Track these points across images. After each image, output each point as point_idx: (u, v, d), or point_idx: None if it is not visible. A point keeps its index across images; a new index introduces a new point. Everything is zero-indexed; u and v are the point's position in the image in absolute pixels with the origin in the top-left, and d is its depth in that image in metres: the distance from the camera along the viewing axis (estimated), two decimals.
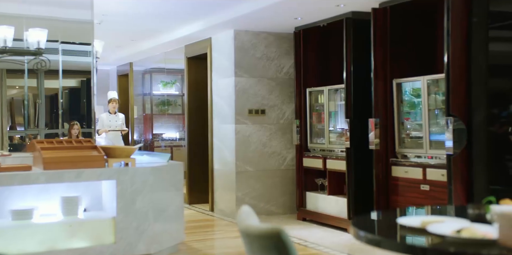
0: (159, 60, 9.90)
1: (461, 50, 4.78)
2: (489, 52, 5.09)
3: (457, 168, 4.77)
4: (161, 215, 4.99)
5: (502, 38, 5.11)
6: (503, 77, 5.13)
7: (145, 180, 4.82)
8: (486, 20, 5.07)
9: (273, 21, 6.78)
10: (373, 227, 2.52)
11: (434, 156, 5.21)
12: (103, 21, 6.95)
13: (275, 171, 7.48)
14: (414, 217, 2.48)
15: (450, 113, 4.76)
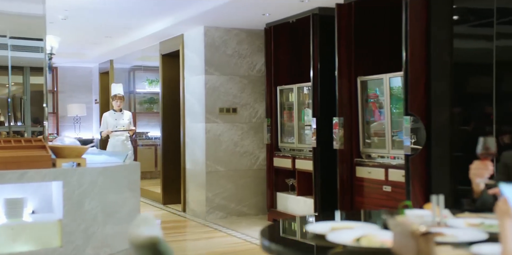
0: (141, 58, 9.74)
1: (421, 48, 4.62)
2: (453, 50, 4.93)
3: (416, 168, 4.61)
4: (113, 217, 4.84)
5: (467, 35, 4.94)
6: (468, 75, 4.96)
7: (94, 180, 4.67)
8: (450, 16, 4.91)
9: (242, 17, 6.62)
10: (279, 235, 2.36)
11: (397, 156, 5.04)
12: (69, 17, 6.79)
13: (247, 170, 7.33)
14: (324, 223, 2.32)
15: (408, 112, 4.59)
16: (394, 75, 5.05)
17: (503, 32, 4.50)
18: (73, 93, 11.94)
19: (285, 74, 6.94)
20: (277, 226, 2.58)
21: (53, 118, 11.71)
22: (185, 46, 7.63)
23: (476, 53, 4.80)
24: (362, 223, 2.37)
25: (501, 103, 4.48)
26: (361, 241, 2.01)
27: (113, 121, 7.80)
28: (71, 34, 8.19)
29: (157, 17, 7.13)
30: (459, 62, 4.88)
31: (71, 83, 11.94)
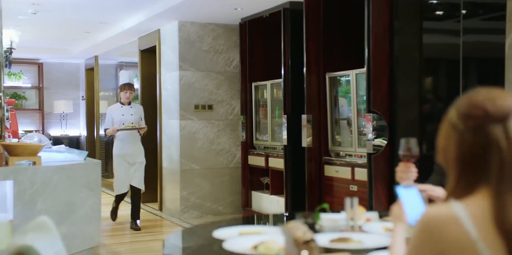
0: (125, 54, 9.60)
1: (383, 43, 4.45)
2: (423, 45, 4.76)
3: (378, 167, 4.44)
4: (69, 218, 4.71)
5: (437, 30, 4.77)
6: (438, 71, 4.79)
7: (47, 180, 4.54)
8: (420, 11, 4.74)
9: (215, 12, 6.46)
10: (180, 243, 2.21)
11: (363, 154, 4.88)
12: (39, 11, 6.64)
13: (223, 169, 7.18)
14: (233, 228, 2.18)
15: (371, 109, 4.43)
16: (361, 72, 4.89)
17: (470, 27, 4.33)
18: (60, 90, 11.82)
19: (260, 71, 6.78)
20: (186, 232, 2.43)
21: (39, 115, 11.60)
22: (161, 41, 7.48)
23: (444, 49, 4.63)
24: (273, 227, 2.22)
25: None
26: (259, 248, 1.87)
27: (119, 117, 6.29)
28: (46, 29, 8.06)
29: (131, 11, 6.97)
30: (429, 58, 4.72)
31: (58, 80, 11.81)
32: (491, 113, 1.33)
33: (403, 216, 1.70)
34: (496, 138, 1.32)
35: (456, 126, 1.38)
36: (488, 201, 1.31)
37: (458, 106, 1.39)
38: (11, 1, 5.95)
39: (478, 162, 1.34)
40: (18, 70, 11.36)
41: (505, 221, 1.27)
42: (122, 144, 6.34)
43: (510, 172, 1.32)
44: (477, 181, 1.34)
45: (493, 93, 1.37)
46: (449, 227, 1.28)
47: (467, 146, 1.35)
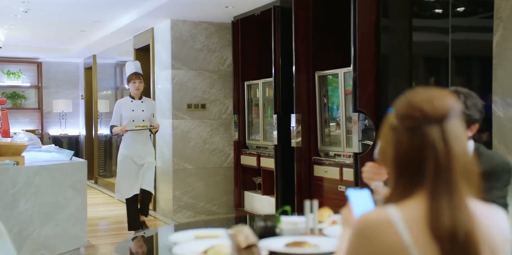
0: (123, 53, 9.55)
1: (370, 42, 4.36)
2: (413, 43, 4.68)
3: None
4: (53, 218, 4.66)
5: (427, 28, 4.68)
6: (427, 70, 4.71)
7: (29, 180, 4.49)
8: (410, 8, 4.66)
9: (207, 10, 6.40)
10: (137, 247, 2.15)
11: (352, 154, 4.80)
12: (31, 9, 6.59)
13: (217, 168, 7.12)
14: (189, 231, 2.11)
15: (357, 108, 4.35)
16: (349, 70, 4.80)
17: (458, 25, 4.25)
18: (59, 89, 11.78)
19: (253, 69, 6.71)
20: (141, 237, 2.36)
21: (38, 114, 11.57)
22: (155, 40, 7.43)
23: (433, 47, 4.55)
24: None
25: None
26: (209, 252, 1.80)
27: (129, 113, 5.61)
28: (41, 28, 8.02)
29: (123, 9, 6.90)
30: (418, 56, 4.63)
31: (57, 79, 11.78)
32: (428, 114, 1.28)
33: (352, 220, 1.63)
34: (433, 139, 1.27)
35: (394, 127, 1.33)
36: (424, 204, 1.25)
37: (397, 107, 1.33)
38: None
39: (414, 164, 1.29)
40: (17, 70, 11.34)
41: (439, 225, 1.22)
42: (130, 144, 5.69)
43: (446, 174, 1.26)
44: (414, 184, 1.29)
45: (431, 94, 1.32)
46: (383, 232, 1.23)
47: (404, 148, 1.30)
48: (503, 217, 1.34)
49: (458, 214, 1.23)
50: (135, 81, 5.66)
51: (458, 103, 1.33)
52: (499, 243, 1.28)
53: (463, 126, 1.33)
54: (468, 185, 1.28)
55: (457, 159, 1.27)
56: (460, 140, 1.29)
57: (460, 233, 1.21)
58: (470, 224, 1.23)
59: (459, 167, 1.27)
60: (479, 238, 1.23)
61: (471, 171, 1.30)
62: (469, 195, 1.28)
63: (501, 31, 3.88)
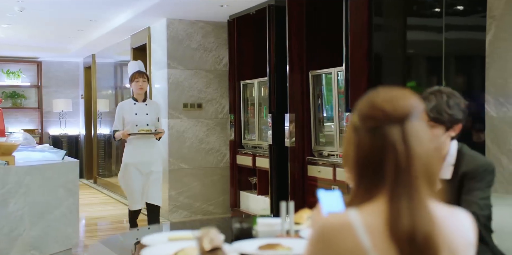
0: (122, 52, 9.52)
1: (362, 40, 4.32)
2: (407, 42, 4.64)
3: None
4: (44, 218, 4.63)
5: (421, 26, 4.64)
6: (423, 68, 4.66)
7: (20, 180, 4.46)
8: (403, 7, 4.61)
9: (202, 9, 6.36)
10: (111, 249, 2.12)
11: None
12: (26, 8, 6.57)
13: (213, 168, 7.08)
14: (162, 234, 2.08)
15: (349, 108, 4.31)
16: (342, 69, 4.76)
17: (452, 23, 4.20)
18: (59, 88, 11.77)
19: (249, 68, 6.67)
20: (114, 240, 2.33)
21: (38, 114, 11.56)
22: (151, 39, 7.40)
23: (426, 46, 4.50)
24: None
25: None
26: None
27: (132, 117, 5.13)
28: (38, 27, 8.00)
29: (118, 7, 6.85)
30: (412, 55, 4.59)
31: (57, 78, 11.76)
32: (388, 114, 1.24)
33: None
34: (393, 140, 1.23)
35: (356, 128, 1.29)
36: (384, 207, 1.21)
37: (359, 107, 1.30)
38: None
39: (374, 165, 1.25)
40: (17, 69, 11.33)
41: (398, 228, 1.18)
42: (134, 150, 5.15)
43: (405, 176, 1.22)
44: (374, 186, 1.25)
45: (393, 94, 1.28)
46: (342, 236, 1.20)
47: (364, 149, 1.26)
48: (467, 220, 1.30)
49: (418, 216, 1.19)
50: (139, 79, 5.14)
51: (420, 103, 1.29)
52: (461, 246, 1.24)
53: (426, 126, 1.29)
54: (429, 186, 1.25)
55: (417, 160, 1.23)
56: (422, 141, 1.25)
57: (419, 236, 1.18)
58: (429, 227, 1.19)
59: (419, 168, 1.23)
60: (439, 240, 1.20)
61: (433, 172, 1.26)
62: (430, 197, 1.24)
63: (493, 30, 3.84)
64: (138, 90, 5.17)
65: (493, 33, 3.84)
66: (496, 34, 3.83)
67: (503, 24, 3.76)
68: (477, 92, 4.04)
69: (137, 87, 5.16)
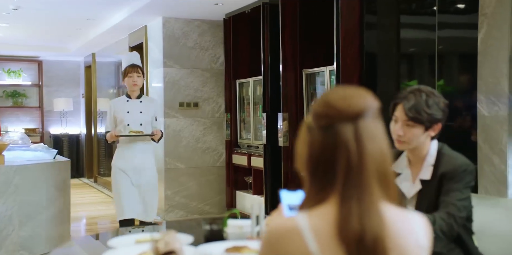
0: (120, 51, 9.50)
1: (353, 38, 4.27)
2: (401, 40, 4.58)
3: None
4: (34, 219, 4.60)
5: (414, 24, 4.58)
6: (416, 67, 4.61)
7: (8, 179, 4.43)
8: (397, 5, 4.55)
9: (197, 7, 6.31)
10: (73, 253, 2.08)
11: None
12: (22, 7, 6.55)
13: (210, 168, 7.04)
14: (131, 236, 2.04)
15: None
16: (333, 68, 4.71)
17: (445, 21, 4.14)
18: (60, 88, 11.76)
19: (245, 67, 6.62)
20: (80, 242, 2.29)
21: (39, 113, 11.56)
22: (148, 38, 7.36)
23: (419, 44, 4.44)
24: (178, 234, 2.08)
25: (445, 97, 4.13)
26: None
27: (123, 115, 4.62)
28: (35, 26, 7.99)
29: (114, 6, 6.82)
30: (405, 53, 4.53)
31: (58, 77, 11.76)
32: (342, 111, 1.21)
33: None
34: (345, 138, 1.19)
35: (309, 127, 1.25)
36: (334, 209, 1.18)
37: (313, 106, 1.26)
38: None
39: (326, 165, 1.21)
40: (17, 68, 11.33)
41: (347, 231, 1.15)
42: (124, 154, 4.62)
43: (357, 176, 1.18)
44: (326, 187, 1.21)
45: (347, 92, 1.25)
46: (290, 239, 1.17)
47: (317, 147, 1.23)
48: (420, 224, 1.25)
49: (367, 218, 1.15)
50: (132, 74, 4.60)
51: (375, 102, 1.25)
52: (412, 250, 1.20)
53: (381, 125, 1.25)
54: (382, 188, 1.21)
55: (370, 159, 1.20)
56: (375, 140, 1.21)
57: (368, 238, 1.14)
58: (379, 229, 1.15)
59: (372, 168, 1.20)
60: (388, 243, 1.16)
61: (386, 173, 1.22)
62: (382, 199, 1.20)
63: (485, 28, 3.78)
64: (132, 87, 4.65)
65: (485, 31, 3.78)
66: (488, 32, 3.76)
67: (495, 22, 3.70)
68: (470, 91, 3.98)
69: (130, 83, 4.63)
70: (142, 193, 4.61)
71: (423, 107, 2.22)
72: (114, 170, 4.69)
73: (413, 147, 2.31)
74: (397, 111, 2.29)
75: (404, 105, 2.25)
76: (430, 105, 2.23)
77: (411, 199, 2.36)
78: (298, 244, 1.16)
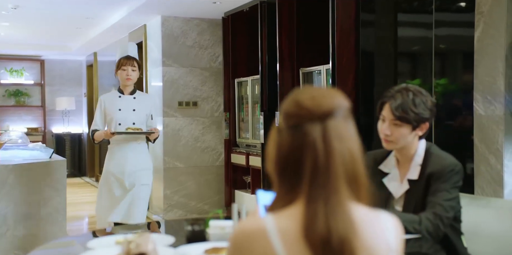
0: None
1: (349, 36, 4.23)
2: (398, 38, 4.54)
3: None
4: (29, 218, 4.58)
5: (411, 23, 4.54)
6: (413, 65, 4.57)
7: (3, 179, 4.41)
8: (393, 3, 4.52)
9: (195, 6, 6.29)
10: None
11: None
12: (21, 6, 6.54)
13: (209, 167, 7.02)
14: (112, 237, 2.01)
15: None
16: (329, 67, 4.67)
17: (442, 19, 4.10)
18: (62, 87, 11.77)
19: (243, 66, 6.60)
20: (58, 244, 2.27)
21: (41, 112, 11.57)
22: (147, 37, 7.34)
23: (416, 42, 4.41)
24: (159, 235, 2.06)
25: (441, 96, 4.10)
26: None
27: (114, 113, 4.18)
28: (35, 25, 7.99)
29: (112, 5, 6.80)
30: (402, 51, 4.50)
31: (60, 76, 11.77)
32: (310, 111, 1.19)
33: None
34: (313, 138, 1.18)
35: (279, 127, 1.24)
36: (301, 210, 1.16)
37: (283, 106, 1.25)
38: None
39: (294, 165, 1.20)
40: (20, 67, 11.34)
41: (314, 232, 1.13)
42: (116, 156, 4.22)
43: (324, 176, 1.16)
44: (294, 188, 1.20)
45: (317, 92, 1.24)
46: (256, 242, 1.15)
47: (285, 148, 1.22)
48: (391, 225, 1.23)
49: (334, 219, 1.13)
50: (126, 67, 4.13)
51: (345, 102, 1.23)
52: (381, 252, 1.17)
53: (352, 126, 1.23)
54: (351, 188, 1.19)
55: (338, 159, 1.18)
56: (344, 140, 1.20)
57: (334, 240, 1.12)
58: (346, 230, 1.13)
59: (340, 169, 1.18)
60: (356, 245, 1.14)
61: (356, 173, 1.20)
62: (350, 199, 1.18)
63: (482, 26, 3.74)
64: (125, 81, 4.17)
65: (481, 30, 3.74)
66: (484, 31, 3.72)
67: (491, 20, 3.66)
68: (467, 90, 3.94)
69: (123, 76, 4.15)
70: (134, 198, 4.21)
71: (410, 107, 2.19)
72: (105, 174, 4.30)
73: (400, 147, 2.28)
74: (384, 111, 2.26)
75: (391, 105, 2.22)
76: (417, 104, 2.20)
77: (399, 199, 2.33)
78: (264, 246, 1.14)
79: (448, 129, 4.11)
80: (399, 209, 2.31)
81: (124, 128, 4.14)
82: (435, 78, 4.13)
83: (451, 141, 4.09)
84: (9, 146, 5.47)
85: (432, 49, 4.14)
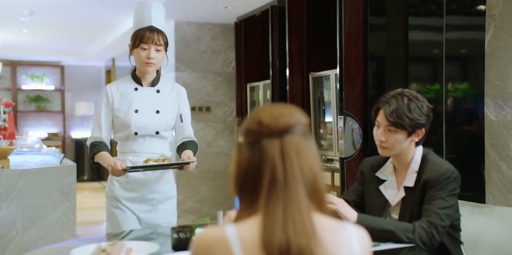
0: None
1: (357, 40, 4.17)
2: (409, 42, 4.46)
3: (352, 173, 4.17)
4: (38, 223, 4.59)
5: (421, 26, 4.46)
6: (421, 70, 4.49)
7: (12, 184, 4.43)
8: (404, 6, 4.44)
9: (207, 11, 6.29)
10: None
11: None
12: (36, 12, 6.61)
13: (222, 172, 6.99)
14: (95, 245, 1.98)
15: (343, 111, 4.16)
16: None
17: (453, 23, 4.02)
18: (81, 92, 11.88)
19: (256, 71, 6.56)
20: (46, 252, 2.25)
21: (61, 117, 11.67)
22: None
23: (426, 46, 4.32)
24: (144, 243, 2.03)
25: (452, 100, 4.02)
26: None
27: (128, 116, 2.82)
28: (53, 31, 8.07)
29: (126, 11, 6.84)
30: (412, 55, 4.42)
31: (79, 82, 11.88)
32: (269, 127, 1.23)
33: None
34: (271, 153, 1.22)
35: (240, 145, 1.28)
36: (260, 221, 1.15)
37: (244, 123, 1.30)
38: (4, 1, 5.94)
39: (254, 179, 1.23)
40: (40, 73, 11.47)
41: (272, 243, 1.14)
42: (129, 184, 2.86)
43: (283, 188, 1.20)
44: (254, 201, 1.24)
45: (277, 109, 1.27)
46: (218, 251, 1.17)
47: (244, 163, 1.25)
48: (356, 236, 1.21)
49: (292, 229, 1.15)
50: (148, 45, 2.81)
51: (304, 118, 1.26)
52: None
53: (311, 142, 1.26)
54: (312, 201, 1.21)
55: (297, 172, 1.21)
56: (302, 155, 1.23)
57: (292, 250, 1.13)
58: (305, 241, 1.14)
59: (299, 182, 1.21)
60: None
61: (317, 187, 1.23)
62: (311, 211, 1.20)
63: (492, 29, 3.66)
64: (144, 66, 2.82)
65: (492, 33, 3.66)
66: (495, 34, 3.64)
67: (503, 24, 3.58)
68: (477, 95, 3.85)
69: (142, 59, 2.82)
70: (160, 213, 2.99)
71: (405, 112, 2.13)
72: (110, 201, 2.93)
73: (396, 153, 2.22)
74: (379, 117, 2.20)
75: (385, 110, 2.16)
76: (412, 109, 2.14)
77: (395, 207, 2.27)
78: (224, 254, 1.16)
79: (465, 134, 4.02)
80: (395, 217, 2.25)
81: (143, 138, 2.80)
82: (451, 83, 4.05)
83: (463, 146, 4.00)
84: (22, 151, 5.51)
85: (442, 53, 4.06)
